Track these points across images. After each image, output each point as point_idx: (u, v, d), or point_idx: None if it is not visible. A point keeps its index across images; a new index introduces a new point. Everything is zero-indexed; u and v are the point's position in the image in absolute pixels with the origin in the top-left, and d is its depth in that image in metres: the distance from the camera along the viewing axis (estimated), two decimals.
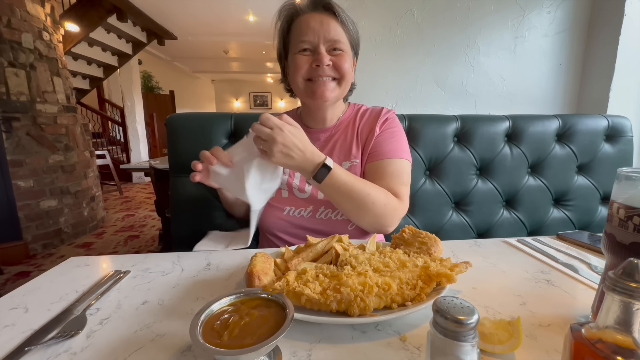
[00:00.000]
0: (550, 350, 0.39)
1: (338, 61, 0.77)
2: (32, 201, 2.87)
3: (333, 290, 0.44)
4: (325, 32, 0.76)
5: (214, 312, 0.38)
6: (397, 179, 0.79)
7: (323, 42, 0.76)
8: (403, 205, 0.77)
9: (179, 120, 1.14)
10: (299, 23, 0.78)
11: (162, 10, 5.05)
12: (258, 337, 0.34)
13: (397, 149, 0.82)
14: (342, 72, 0.78)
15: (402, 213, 0.76)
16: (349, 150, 0.85)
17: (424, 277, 0.47)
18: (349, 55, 0.80)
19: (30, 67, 2.85)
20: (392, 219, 0.74)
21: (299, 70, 0.78)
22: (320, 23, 0.76)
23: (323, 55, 0.76)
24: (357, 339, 0.42)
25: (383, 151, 0.82)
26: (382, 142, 0.83)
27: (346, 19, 0.78)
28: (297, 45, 0.78)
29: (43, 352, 0.40)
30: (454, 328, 0.28)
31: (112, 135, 6.53)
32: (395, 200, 0.75)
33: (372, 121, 0.86)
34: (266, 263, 0.52)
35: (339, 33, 0.77)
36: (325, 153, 0.85)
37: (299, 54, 0.78)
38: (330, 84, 0.79)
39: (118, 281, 0.59)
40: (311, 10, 0.77)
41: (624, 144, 1.26)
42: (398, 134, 0.86)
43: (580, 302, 0.50)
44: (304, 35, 0.76)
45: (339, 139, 0.87)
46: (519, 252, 0.71)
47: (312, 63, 0.77)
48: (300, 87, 0.80)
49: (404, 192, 0.78)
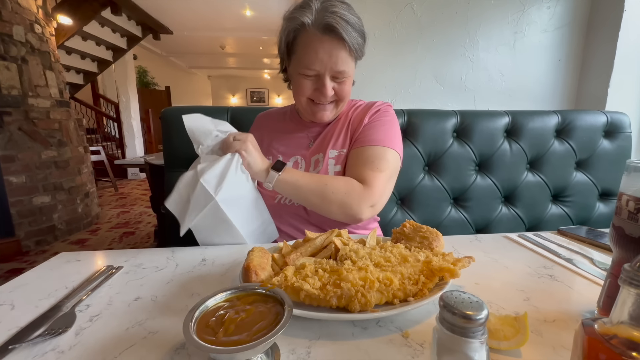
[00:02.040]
0: (557, 346, 0.38)
1: (339, 88, 0.78)
2: (24, 197, 2.82)
3: (333, 286, 0.42)
4: (333, 64, 0.73)
5: (209, 308, 0.37)
6: (370, 165, 0.76)
7: (329, 73, 0.74)
8: (370, 191, 0.74)
9: (174, 113, 1.11)
10: (306, 43, 0.73)
11: (157, 4, 4.96)
12: (255, 334, 0.32)
13: (382, 138, 0.81)
14: (342, 96, 0.80)
15: (370, 199, 0.74)
16: (337, 139, 0.85)
17: (427, 272, 0.46)
18: (352, 75, 0.79)
19: (21, 61, 2.79)
20: (358, 206, 0.73)
21: (302, 92, 0.79)
22: (329, 55, 0.72)
23: (327, 88, 0.75)
24: (358, 335, 0.41)
25: (367, 139, 0.81)
26: (369, 130, 0.82)
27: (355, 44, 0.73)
28: (302, 69, 0.76)
29: (29, 351, 0.38)
30: (462, 324, 0.26)
31: (107, 131, 6.44)
32: (359, 187, 0.74)
33: (364, 112, 0.86)
34: (263, 258, 0.50)
35: (346, 63, 0.74)
36: (317, 144, 0.86)
37: (304, 78, 0.77)
38: (329, 106, 0.81)
39: (110, 277, 0.57)
40: (320, 33, 0.71)
41: (623, 140, 1.25)
42: (387, 124, 0.84)
43: (584, 297, 0.49)
44: (311, 64, 0.73)
45: (333, 131, 0.87)
46: (521, 247, 0.70)
47: (314, 90, 0.77)
48: (302, 104, 0.82)
49: (373, 177, 0.75)
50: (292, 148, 0.88)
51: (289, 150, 0.88)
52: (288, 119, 0.94)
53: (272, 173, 0.72)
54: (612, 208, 1.27)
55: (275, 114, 0.98)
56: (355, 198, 0.73)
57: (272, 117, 0.97)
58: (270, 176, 0.72)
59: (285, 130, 0.91)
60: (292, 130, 0.90)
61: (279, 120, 0.95)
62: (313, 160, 0.84)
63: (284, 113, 0.96)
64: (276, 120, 0.95)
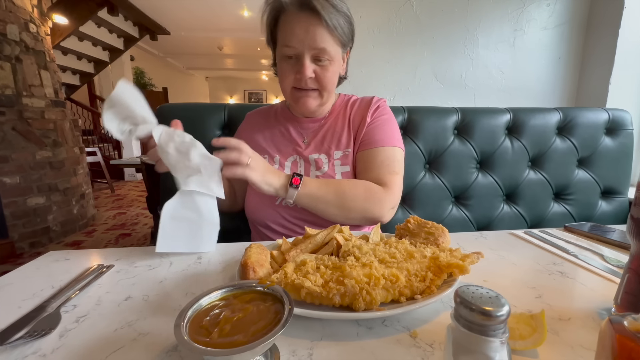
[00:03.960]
0: (575, 345, 0.36)
1: (321, 73, 0.74)
2: (18, 198, 2.77)
3: (336, 283, 0.40)
4: (310, 40, 0.70)
5: (203, 307, 0.34)
6: (387, 168, 0.77)
7: (307, 50, 0.71)
8: (390, 193, 0.75)
9: (170, 110, 1.09)
10: (285, 22, 0.72)
11: (154, 4, 4.94)
12: (252, 334, 0.30)
13: (388, 137, 0.81)
14: (323, 84, 0.76)
15: (390, 202, 0.75)
16: (340, 139, 0.83)
17: (434, 269, 0.43)
18: (335, 62, 0.76)
19: (15, 60, 2.75)
20: (380, 210, 0.73)
21: (285, 79, 0.77)
22: (306, 30, 0.69)
23: (306, 67, 0.72)
24: (363, 335, 0.38)
25: (374, 140, 0.80)
26: (373, 130, 0.82)
27: (335, 22, 0.71)
28: (282, 49, 0.74)
29: (8, 354, 0.35)
30: (480, 321, 0.24)
31: (104, 133, 6.37)
32: (380, 191, 0.74)
33: (364, 110, 0.84)
34: (262, 254, 0.48)
35: (325, 40, 0.71)
36: (316, 142, 0.84)
37: (283, 61, 0.75)
38: (312, 93, 0.78)
39: (100, 276, 0.54)
40: (297, 10, 0.70)
41: (625, 138, 1.24)
42: (389, 122, 0.84)
43: (598, 294, 0.47)
44: (288, 41, 0.71)
45: (329, 128, 0.85)
46: (527, 243, 0.68)
47: (295, 73, 0.75)
48: (287, 92, 0.80)
49: (392, 180, 0.76)
50: (288, 146, 0.85)
51: (286, 149, 0.85)
52: (279, 115, 0.91)
53: (291, 190, 0.69)
54: (614, 206, 1.25)
55: (266, 111, 0.95)
56: (377, 202, 0.73)
57: (263, 114, 0.94)
58: (290, 193, 0.69)
59: (278, 128, 0.88)
60: (284, 128, 0.87)
61: (270, 117, 0.92)
62: (313, 160, 0.82)
63: (275, 110, 0.93)
64: (267, 118, 0.92)
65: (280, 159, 0.83)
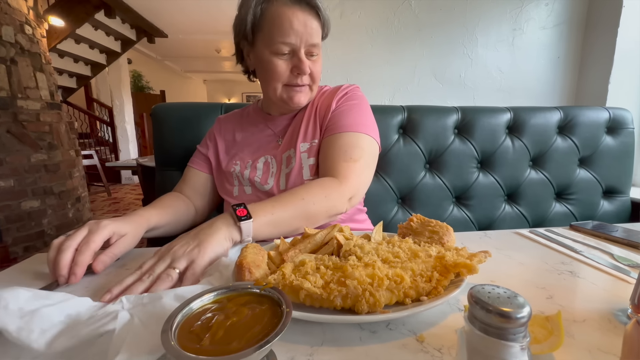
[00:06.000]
0: (592, 349, 0.33)
1: (314, 67, 0.72)
2: (12, 202, 2.73)
3: (337, 284, 0.38)
4: (308, 36, 0.68)
5: (193, 311, 0.32)
6: (343, 155, 0.70)
7: (304, 46, 0.69)
8: (347, 184, 0.67)
9: (166, 110, 1.07)
10: (277, 15, 0.67)
11: (151, 7, 4.93)
12: (248, 340, 0.27)
13: (354, 124, 0.74)
14: (316, 77, 0.75)
15: (347, 192, 0.68)
16: (306, 130, 0.78)
17: (440, 268, 0.41)
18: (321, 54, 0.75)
19: (10, 62, 2.72)
20: (341, 204, 0.67)
21: (278, 77, 0.71)
22: (304, 25, 0.67)
23: (305, 64, 0.70)
24: (367, 340, 0.36)
25: (336, 125, 0.74)
26: (337, 115, 0.76)
27: (326, 15, 0.70)
28: (275, 45, 0.68)
29: None
30: (498, 324, 0.22)
31: (101, 136, 6.33)
32: (336, 183, 0.67)
33: (330, 97, 0.79)
34: (258, 255, 0.45)
35: (319, 36, 0.71)
36: (287, 139, 0.79)
37: (278, 57, 0.70)
38: (304, 89, 0.75)
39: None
40: (292, 2, 0.67)
41: (626, 136, 1.23)
42: (357, 107, 0.78)
43: (612, 294, 0.45)
44: (286, 37, 0.67)
45: (300, 122, 0.80)
46: (533, 243, 0.66)
47: (292, 70, 0.71)
48: (277, 90, 0.74)
49: (347, 168, 0.68)
50: (260, 148, 0.81)
51: (257, 151, 0.81)
52: (252, 117, 0.87)
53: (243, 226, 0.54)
54: (616, 205, 1.24)
55: (237, 115, 0.91)
56: (335, 196, 0.66)
57: (234, 118, 0.90)
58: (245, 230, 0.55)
59: (250, 131, 0.85)
60: (257, 129, 0.84)
61: (242, 121, 0.88)
62: (285, 158, 0.77)
63: (247, 113, 0.90)
64: (238, 122, 0.88)
65: (253, 161, 0.80)
